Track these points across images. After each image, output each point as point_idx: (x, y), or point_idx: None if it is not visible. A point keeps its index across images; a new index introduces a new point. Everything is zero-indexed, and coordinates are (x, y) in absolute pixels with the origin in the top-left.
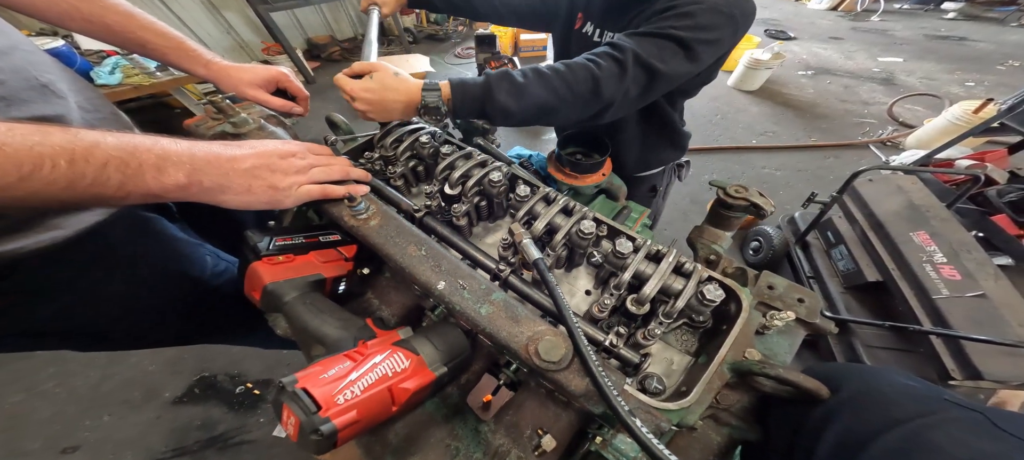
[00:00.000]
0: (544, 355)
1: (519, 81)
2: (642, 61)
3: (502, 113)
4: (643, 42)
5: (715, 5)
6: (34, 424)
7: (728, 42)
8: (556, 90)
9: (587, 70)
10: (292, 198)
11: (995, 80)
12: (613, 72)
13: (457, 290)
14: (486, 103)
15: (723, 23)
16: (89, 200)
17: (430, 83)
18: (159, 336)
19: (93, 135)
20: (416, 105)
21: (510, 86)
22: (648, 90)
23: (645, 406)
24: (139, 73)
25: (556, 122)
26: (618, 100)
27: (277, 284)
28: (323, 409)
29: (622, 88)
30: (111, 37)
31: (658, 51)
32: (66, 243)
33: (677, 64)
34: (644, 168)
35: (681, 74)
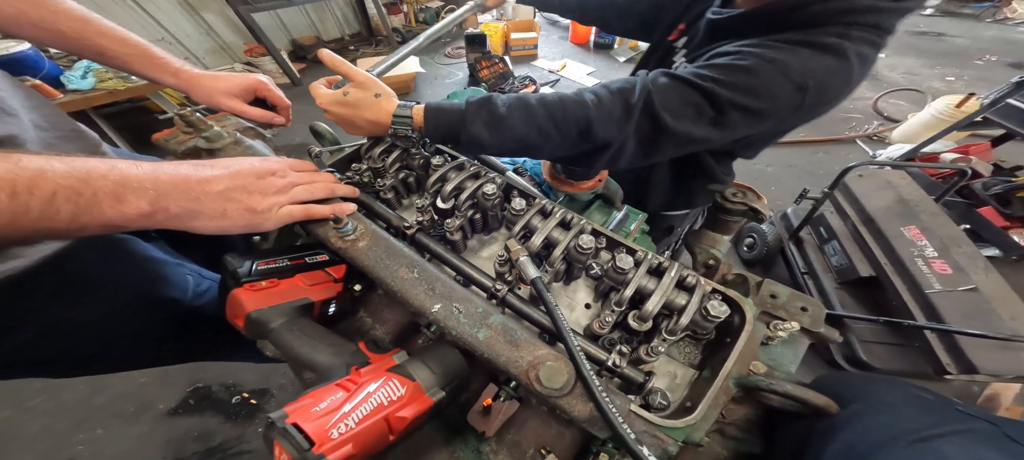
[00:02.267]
0: (546, 382)
1: (499, 112)
2: (652, 110)
3: (476, 145)
4: (669, 87)
5: (786, 68)
6: (24, 440)
7: (780, 118)
8: (540, 127)
9: (581, 107)
10: (272, 220)
11: (974, 75)
12: (614, 114)
13: (453, 314)
14: (460, 133)
15: (782, 94)
16: (37, 235)
17: (403, 107)
18: (140, 360)
19: (38, 161)
20: (386, 128)
21: (488, 116)
22: (652, 146)
23: (651, 428)
24: (113, 77)
25: (540, 157)
26: (613, 147)
27: (261, 312)
28: (317, 445)
29: (621, 134)
30: (65, 44)
31: (680, 103)
32: (27, 272)
33: (695, 127)
34: (669, 209)
35: (697, 139)
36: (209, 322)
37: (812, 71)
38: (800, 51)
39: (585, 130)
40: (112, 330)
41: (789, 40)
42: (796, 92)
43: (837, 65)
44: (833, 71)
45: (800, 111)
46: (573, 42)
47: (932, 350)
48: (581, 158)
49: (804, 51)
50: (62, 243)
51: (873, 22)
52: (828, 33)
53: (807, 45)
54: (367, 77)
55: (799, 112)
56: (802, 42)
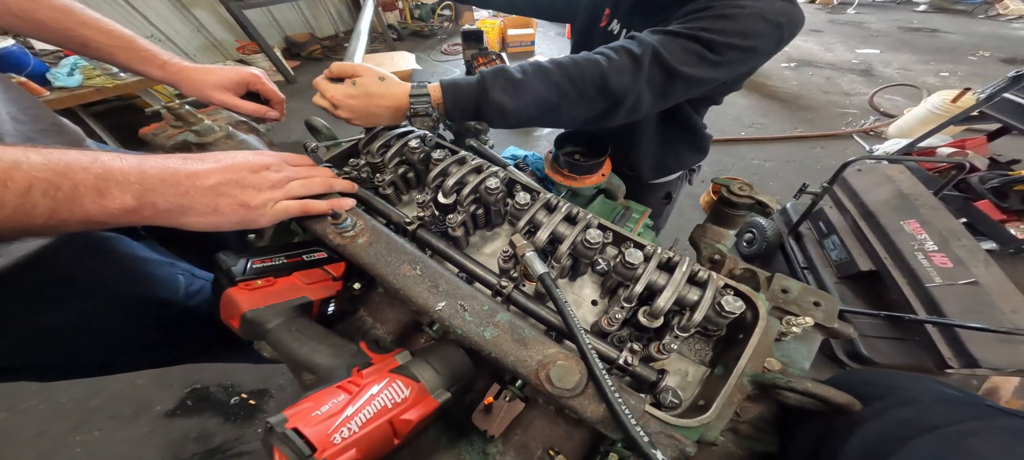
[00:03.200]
0: (557, 382)
1: (516, 77)
2: (661, 60)
3: (499, 112)
4: (667, 40)
5: (760, 11)
6: (21, 442)
7: (766, 53)
8: (557, 85)
9: (594, 64)
10: (267, 216)
11: (968, 70)
12: (625, 67)
13: (458, 313)
14: (481, 102)
15: (765, 32)
16: (11, 232)
17: (419, 86)
18: (132, 364)
19: (12, 153)
20: (404, 111)
21: (506, 82)
22: (665, 93)
23: (666, 428)
24: (101, 74)
25: (561, 122)
26: (629, 99)
27: (257, 312)
28: (319, 451)
29: (635, 86)
30: (46, 34)
31: (682, 51)
32: (6, 273)
33: (701, 69)
34: (662, 173)
35: (705, 80)
36: (203, 323)
37: (778, 9)
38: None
39: (601, 85)
40: (100, 333)
41: None
42: (775, 29)
43: (788, 4)
44: (791, 8)
45: (780, 45)
46: (570, 38)
47: (933, 344)
48: (602, 115)
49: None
50: (42, 241)
51: None
52: None
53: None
54: (367, 67)
55: (779, 46)
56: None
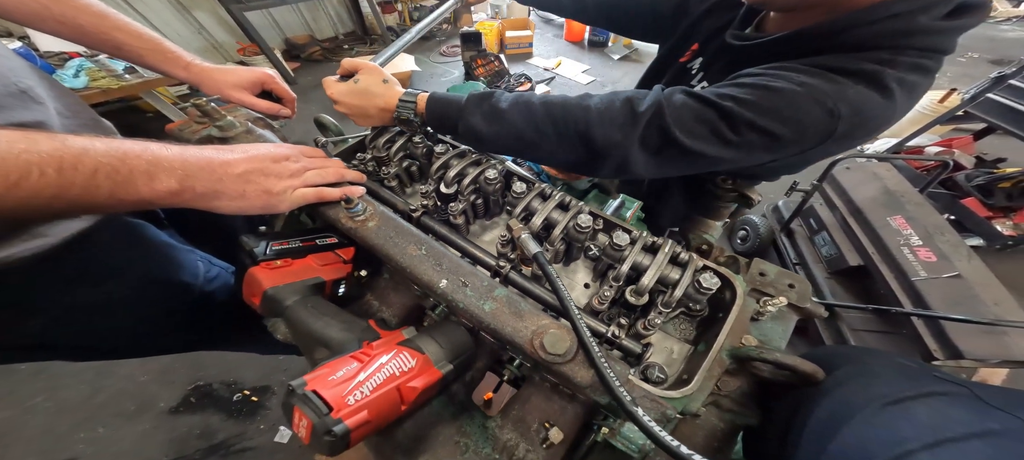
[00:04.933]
0: (549, 349)
1: (500, 106)
2: (662, 122)
3: (474, 136)
4: (685, 102)
5: (819, 93)
6: (25, 439)
7: (808, 146)
8: (538, 124)
9: (583, 110)
10: (287, 202)
11: (957, 71)
12: (617, 120)
13: (459, 288)
14: (458, 122)
15: (810, 120)
16: (79, 208)
17: (409, 94)
18: (156, 344)
19: (81, 141)
20: (392, 114)
21: (488, 110)
22: (664, 159)
23: (650, 395)
24: (106, 76)
25: (542, 159)
26: (615, 155)
27: (277, 289)
28: (334, 410)
29: (623, 142)
30: (84, 38)
31: (693, 118)
32: (52, 252)
33: (709, 145)
34: (685, 222)
35: (712, 158)
36: (219, 310)
37: (848, 98)
38: (835, 77)
39: (583, 132)
40: (128, 313)
41: (827, 65)
42: (827, 117)
43: (875, 96)
44: (871, 101)
45: (831, 140)
46: (568, 40)
47: (919, 337)
48: (584, 164)
49: (839, 77)
50: (84, 224)
51: (927, 45)
52: (870, 58)
53: (843, 72)
54: (374, 66)
55: (830, 141)
56: (839, 68)
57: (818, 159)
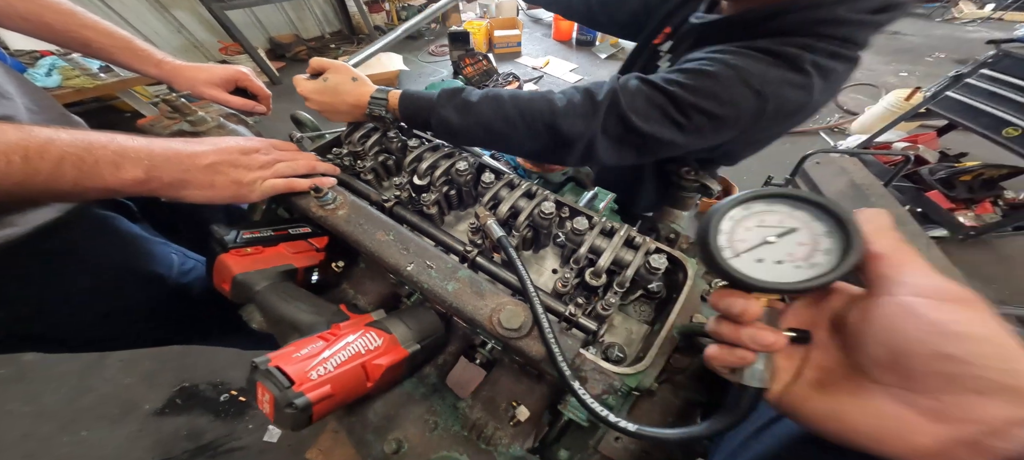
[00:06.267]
0: (505, 324)
1: (470, 100)
2: (619, 110)
3: (445, 127)
4: (638, 89)
5: (745, 75)
6: (6, 444)
7: (744, 125)
8: (506, 115)
9: (548, 102)
10: (257, 192)
11: (924, 70)
12: (579, 111)
13: (424, 270)
14: (431, 116)
15: (743, 101)
16: (45, 195)
17: (380, 91)
18: (130, 337)
19: (47, 132)
20: (364, 110)
21: (460, 102)
22: (624, 145)
23: (599, 368)
24: (80, 75)
25: (512, 149)
26: (579, 144)
27: (247, 274)
28: (296, 384)
29: (586, 131)
30: (51, 36)
31: (645, 104)
32: (20, 241)
33: (663, 128)
34: (657, 210)
35: (667, 142)
36: (194, 302)
37: (770, 80)
38: (762, 58)
39: (550, 123)
40: (100, 304)
41: (756, 48)
42: (756, 99)
43: (794, 77)
44: (790, 83)
45: (763, 119)
46: (556, 39)
47: None
48: (551, 152)
49: (765, 58)
50: (54, 214)
51: (842, 35)
52: (792, 43)
53: (769, 53)
54: (343, 65)
55: (762, 121)
56: (766, 50)
57: (763, 140)
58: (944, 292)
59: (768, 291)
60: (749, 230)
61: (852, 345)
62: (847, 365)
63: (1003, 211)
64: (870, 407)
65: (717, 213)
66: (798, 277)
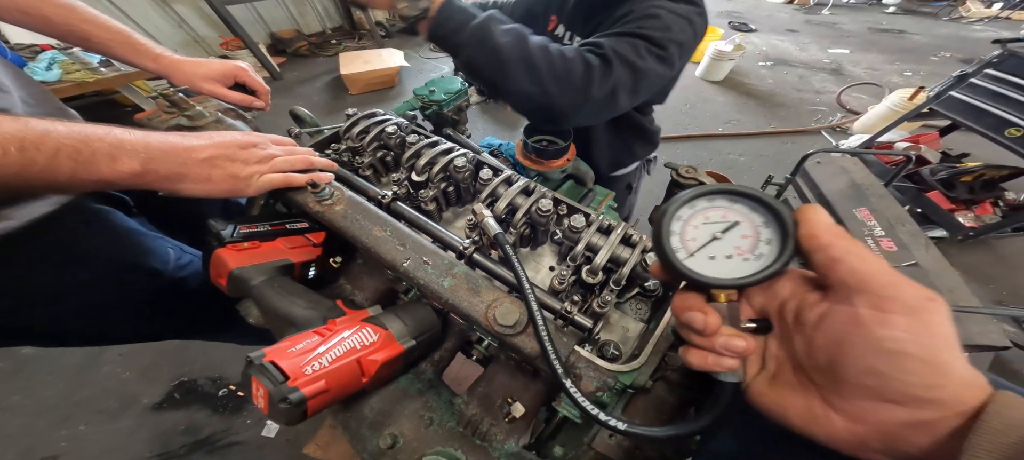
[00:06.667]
0: (500, 320)
1: (524, 36)
2: (626, 59)
3: (485, 38)
4: (619, 42)
5: (674, 8)
6: (4, 438)
7: (691, 46)
8: (551, 61)
9: (580, 58)
10: (254, 187)
11: (929, 70)
12: (601, 68)
13: (420, 266)
14: (474, 23)
15: (685, 26)
16: (41, 186)
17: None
18: (125, 332)
19: (44, 124)
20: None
21: (514, 32)
22: (633, 91)
23: (593, 365)
24: (80, 69)
25: (531, 83)
26: (602, 99)
27: (243, 269)
28: (291, 379)
29: (607, 85)
30: (51, 30)
31: (633, 49)
32: (15, 234)
33: (653, 63)
34: (618, 168)
35: (657, 75)
36: (191, 297)
37: (688, 12)
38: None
39: (586, 77)
40: (94, 298)
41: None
42: (690, 26)
43: (692, 9)
44: (696, 12)
45: (697, 38)
46: None
47: None
48: (569, 107)
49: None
50: (49, 208)
51: None
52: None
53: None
54: None
55: (697, 39)
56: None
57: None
58: (900, 303)
59: (723, 287)
60: (697, 228)
61: (802, 344)
62: (793, 359)
63: (1003, 212)
64: (804, 403)
65: (666, 215)
66: (748, 270)
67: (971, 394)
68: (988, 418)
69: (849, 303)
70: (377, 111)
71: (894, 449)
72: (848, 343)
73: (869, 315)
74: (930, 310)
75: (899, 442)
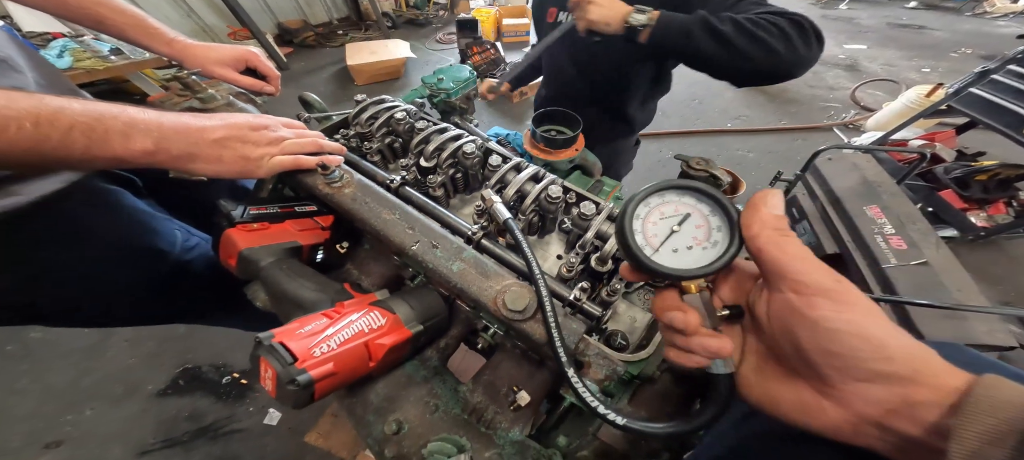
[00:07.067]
0: (509, 305)
1: (741, 22)
2: (811, 26)
3: (713, 33)
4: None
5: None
6: (12, 421)
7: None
8: (768, 30)
9: (787, 21)
10: (264, 168)
11: (948, 67)
12: (800, 28)
13: (429, 250)
14: (698, 24)
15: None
16: (55, 162)
17: (640, 10)
18: (130, 313)
19: (59, 101)
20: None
21: (723, 16)
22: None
23: (602, 353)
24: (91, 57)
25: (762, 62)
26: (810, 51)
27: (253, 250)
28: (299, 361)
29: (808, 38)
30: (66, 12)
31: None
32: (24, 210)
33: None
34: (645, 124)
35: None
36: (197, 280)
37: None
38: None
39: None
40: (100, 278)
41: None
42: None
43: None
44: None
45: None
46: None
47: None
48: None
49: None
50: (58, 185)
51: None
52: None
53: None
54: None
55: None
56: None
57: None
58: (814, 286)
59: (690, 277)
60: (656, 224)
61: (765, 334)
62: (770, 349)
63: (1016, 212)
64: (793, 392)
65: (626, 216)
66: (709, 258)
67: (930, 369)
68: (975, 400)
69: (780, 291)
70: (386, 97)
71: (888, 431)
72: (795, 329)
73: (798, 301)
74: (840, 291)
75: (891, 423)
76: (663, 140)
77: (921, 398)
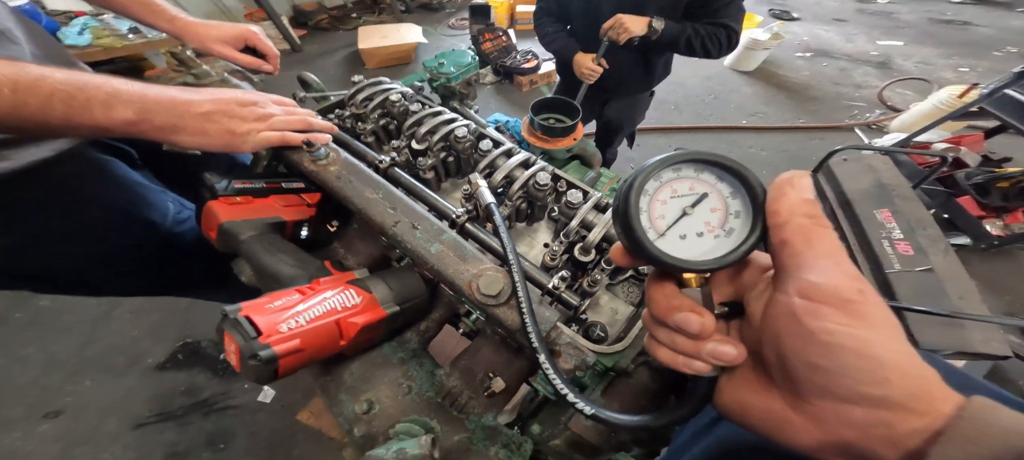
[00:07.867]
0: (483, 289)
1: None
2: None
3: (687, 35)
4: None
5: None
6: (13, 390)
7: None
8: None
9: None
10: (250, 144)
11: (989, 66)
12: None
13: (409, 230)
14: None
15: None
16: (34, 128)
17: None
18: (120, 283)
19: (40, 69)
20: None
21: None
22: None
23: (574, 342)
24: (110, 35)
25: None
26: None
27: (233, 223)
28: (264, 335)
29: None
30: None
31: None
32: (14, 175)
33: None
34: (662, 78)
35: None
36: (187, 252)
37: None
38: None
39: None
40: (92, 246)
41: None
42: None
43: None
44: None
45: None
46: None
47: None
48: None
49: None
50: (48, 153)
51: None
52: None
53: None
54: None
55: None
56: None
57: None
58: (829, 293)
59: (699, 271)
60: (665, 204)
61: (752, 337)
62: (751, 354)
63: None
64: (764, 404)
65: (633, 188)
66: (720, 248)
67: (929, 395)
68: (961, 424)
69: (785, 292)
70: (383, 79)
71: (858, 456)
72: (785, 336)
73: (801, 305)
74: (861, 301)
75: (863, 448)
76: (672, 135)
77: (907, 427)
